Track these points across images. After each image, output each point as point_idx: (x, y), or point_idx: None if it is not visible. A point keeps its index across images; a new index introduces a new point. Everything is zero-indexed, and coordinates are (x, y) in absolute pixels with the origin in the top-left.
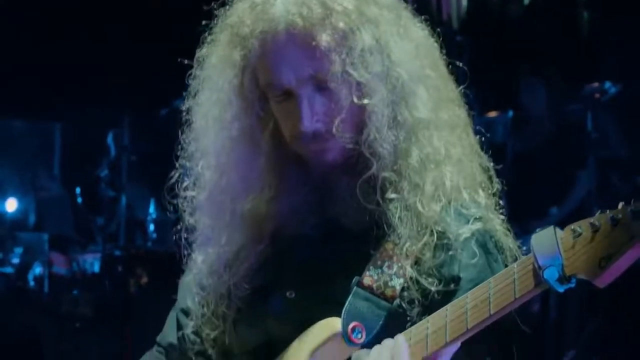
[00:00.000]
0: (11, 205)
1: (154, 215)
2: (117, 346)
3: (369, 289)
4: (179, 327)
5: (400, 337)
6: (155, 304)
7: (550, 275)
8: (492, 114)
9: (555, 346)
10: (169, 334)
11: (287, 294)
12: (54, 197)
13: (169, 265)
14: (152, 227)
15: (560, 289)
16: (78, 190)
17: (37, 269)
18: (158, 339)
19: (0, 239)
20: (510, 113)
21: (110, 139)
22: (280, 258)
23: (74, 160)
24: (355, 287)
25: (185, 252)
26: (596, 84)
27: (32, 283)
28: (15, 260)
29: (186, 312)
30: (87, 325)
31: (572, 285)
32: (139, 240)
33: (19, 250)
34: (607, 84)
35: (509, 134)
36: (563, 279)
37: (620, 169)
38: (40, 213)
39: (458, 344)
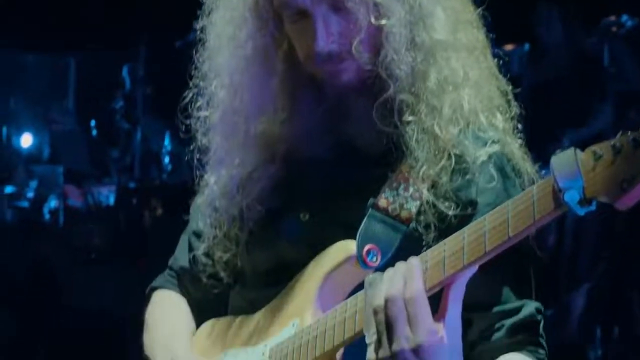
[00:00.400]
0: (26, 140)
1: (169, 148)
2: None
3: (384, 211)
4: (191, 249)
5: (413, 260)
6: (169, 236)
7: (571, 197)
8: (509, 47)
9: (570, 279)
10: (180, 257)
11: (301, 216)
12: (68, 131)
13: (183, 197)
14: (167, 159)
15: (581, 212)
16: (93, 123)
17: (52, 202)
18: (170, 262)
19: (15, 173)
20: (527, 46)
21: (125, 72)
22: (293, 180)
23: (88, 93)
24: (370, 209)
25: (198, 173)
26: (613, 18)
27: (47, 216)
28: (31, 194)
29: (198, 234)
30: (102, 257)
31: (593, 208)
32: (153, 173)
33: (33, 183)
34: (624, 17)
35: (525, 67)
36: (583, 201)
37: (637, 102)
38: (54, 146)
39: (475, 268)
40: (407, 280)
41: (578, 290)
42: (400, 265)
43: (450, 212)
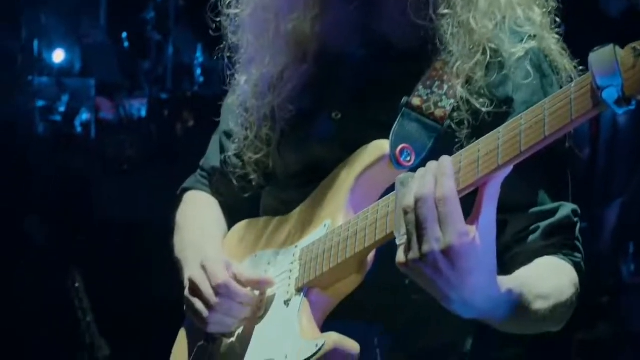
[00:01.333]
0: (58, 55)
1: (200, 60)
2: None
3: (418, 109)
4: (222, 150)
5: (445, 159)
6: (201, 147)
7: (609, 95)
8: None
9: (604, 193)
10: (212, 157)
11: (333, 115)
12: (99, 44)
13: (215, 109)
14: (199, 71)
15: (619, 111)
16: (124, 35)
17: (84, 115)
18: (201, 163)
19: (47, 87)
20: None
21: None
22: (325, 78)
23: (119, 5)
24: (403, 108)
25: (228, 72)
26: None
27: (79, 129)
28: (63, 108)
29: (229, 135)
30: (134, 168)
31: (632, 107)
32: (185, 85)
33: (65, 97)
34: None
35: None
36: (622, 100)
37: None
38: (86, 60)
39: (509, 169)
40: (439, 179)
41: (611, 205)
42: (432, 164)
43: (485, 109)
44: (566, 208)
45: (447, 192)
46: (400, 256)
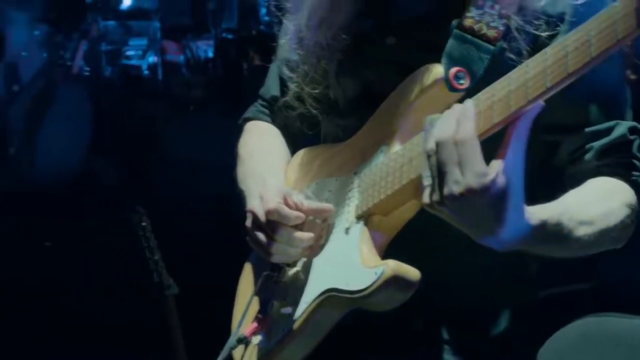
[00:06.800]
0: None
1: None
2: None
3: (470, 30)
4: (281, 78)
5: (468, 102)
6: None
7: None
8: None
9: None
10: (271, 86)
11: (387, 40)
12: None
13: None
14: (263, 10)
15: None
16: None
17: (151, 58)
18: (261, 92)
19: (113, 30)
20: None
21: None
22: (377, 5)
23: None
24: (455, 30)
25: (279, 15)
26: None
27: (146, 72)
28: (130, 51)
29: (287, 63)
30: (201, 109)
31: None
32: (251, 24)
33: (132, 40)
34: None
35: None
36: None
37: None
38: (152, 2)
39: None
40: (460, 122)
41: None
42: (456, 106)
43: (538, 31)
44: (622, 126)
45: (466, 135)
46: (425, 197)
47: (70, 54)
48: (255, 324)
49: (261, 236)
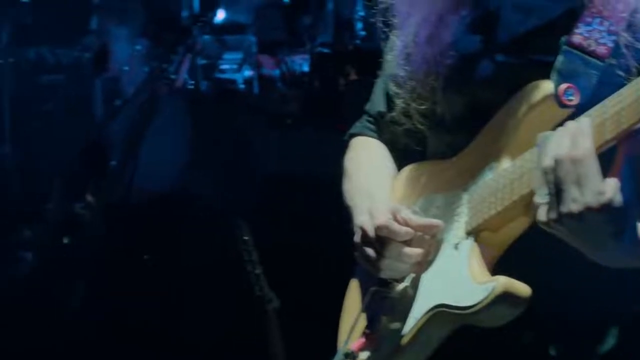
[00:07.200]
0: (220, 14)
1: (361, 13)
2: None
3: (579, 47)
4: (387, 93)
5: (584, 118)
6: (363, 101)
7: None
8: None
9: None
10: (377, 102)
11: (495, 56)
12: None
13: (377, 62)
14: (359, 25)
15: None
16: None
17: (246, 72)
18: (367, 107)
19: (209, 45)
20: None
21: None
22: (485, 21)
23: None
24: (564, 46)
25: (386, 30)
26: None
27: (242, 86)
28: (225, 65)
29: (393, 79)
30: (298, 123)
31: None
32: (346, 39)
33: (227, 55)
34: None
35: None
36: None
37: None
38: (247, 16)
39: None
40: (577, 139)
41: None
42: (570, 123)
43: None
44: None
45: (584, 153)
46: (541, 215)
47: (174, 68)
48: (362, 340)
49: (370, 252)
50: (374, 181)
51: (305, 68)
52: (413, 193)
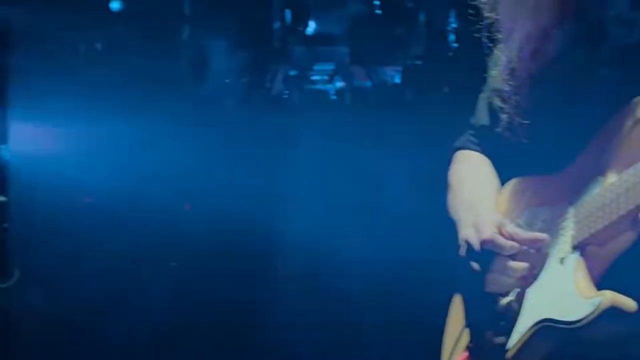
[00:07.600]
0: (310, 25)
1: (454, 25)
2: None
3: None
4: (491, 107)
5: None
6: (455, 114)
7: None
8: None
9: None
10: (481, 116)
11: (600, 70)
12: (352, 11)
13: (468, 74)
14: (452, 37)
15: None
16: (377, 2)
17: (338, 83)
18: (471, 121)
19: (299, 55)
20: None
21: None
22: (589, 35)
23: None
24: None
25: (490, 45)
26: None
27: (334, 97)
28: (315, 76)
29: (497, 92)
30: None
31: None
32: (439, 51)
33: (318, 65)
34: None
35: None
36: None
37: None
38: (338, 27)
39: None
40: None
41: None
42: None
43: None
44: None
45: None
46: None
47: (269, 79)
48: (466, 354)
49: (476, 266)
50: (478, 195)
51: (397, 80)
52: (517, 207)
